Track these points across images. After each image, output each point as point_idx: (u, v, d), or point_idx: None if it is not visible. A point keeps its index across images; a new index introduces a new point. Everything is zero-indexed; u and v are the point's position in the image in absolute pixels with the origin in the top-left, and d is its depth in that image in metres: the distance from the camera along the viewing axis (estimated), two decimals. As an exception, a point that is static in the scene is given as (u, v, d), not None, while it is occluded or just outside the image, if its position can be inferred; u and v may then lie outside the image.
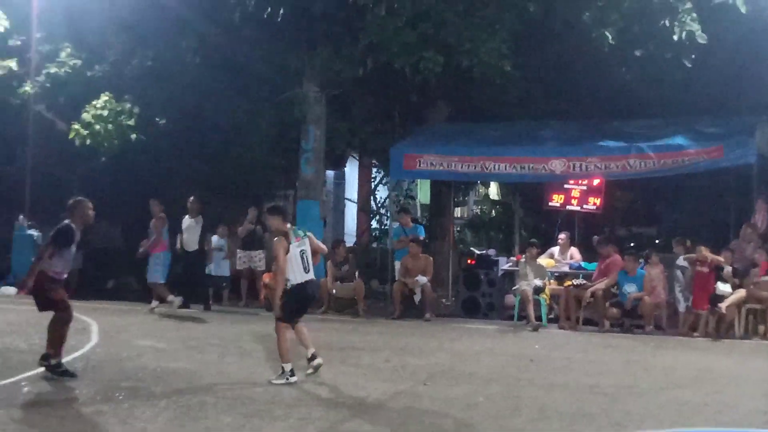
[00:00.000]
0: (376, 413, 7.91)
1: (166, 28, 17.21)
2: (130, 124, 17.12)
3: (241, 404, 8.05)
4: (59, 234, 9.26)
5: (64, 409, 7.77)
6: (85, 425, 7.24)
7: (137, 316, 14.55)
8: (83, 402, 8.02)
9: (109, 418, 7.43)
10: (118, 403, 7.99)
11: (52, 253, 9.11)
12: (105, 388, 8.59)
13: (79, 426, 7.21)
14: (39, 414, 7.53)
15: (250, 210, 16.67)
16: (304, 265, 9.44)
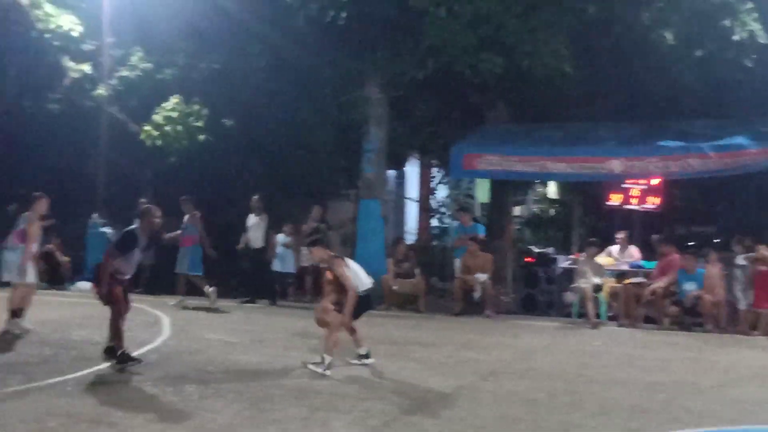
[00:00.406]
0: (438, 407, 8.05)
1: (232, 33, 17.66)
2: (199, 126, 17.54)
3: (306, 397, 8.26)
4: (123, 240, 9.74)
5: (137, 399, 8.04)
6: (157, 415, 7.46)
7: (206, 311, 14.98)
8: (155, 393, 8.27)
9: (180, 408, 7.69)
10: (188, 394, 8.25)
11: (117, 256, 9.56)
12: (176, 379, 8.88)
13: (151, 416, 7.43)
14: (113, 404, 7.77)
15: (315, 208, 16.98)
16: (364, 272, 9.99)
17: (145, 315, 14.01)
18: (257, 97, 17.62)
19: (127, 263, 9.66)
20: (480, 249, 16.03)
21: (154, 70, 18.29)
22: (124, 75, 18.45)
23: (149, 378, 8.95)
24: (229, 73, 17.74)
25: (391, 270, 16.17)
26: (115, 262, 9.53)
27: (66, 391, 8.32)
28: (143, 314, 14.11)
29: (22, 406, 7.67)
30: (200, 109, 17.66)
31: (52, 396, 8.12)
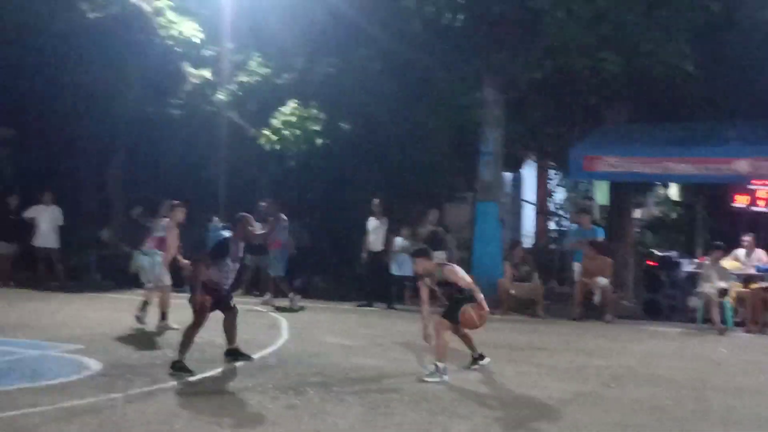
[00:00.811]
0: (559, 414, 7.94)
1: (347, 37, 17.77)
2: (316, 130, 17.69)
3: (426, 402, 8.24)
4: (216, 248, 9.88)
5: (259, 401, 8.11)
6: (277, 418, 7.53)
7: (324, 314, 15.10)
8: (276, 396, 8.34)
9: (300, 412, 7.74)
10: (309, 397, 8.31)
11: (209, 264, 9.62)
12: (296, 382, 8.96)
13: (272, 418, 7.51)
14: (236, 407, 7.91)
15: (432, 212, 16.92)
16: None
17: (265, 318, 14.24)
18: (373, 100, 17.68)
19: (219, 272, 9.70)
20: (599, 252, 15.69)
21: (272, 75, 18.54)
22: (243, 80, 18.76)
23: (271, 381, 9.05)
24: (345, 77, 17.84)
25: (509, 274, 15.97)
26: (207, 271, 9.58)
27: (189, 393, 8.49)
28: (263, 317, 14.36)
29: (147, 407, 7.84)
30: (318, 113, 17.82)
31: (176, 398, 8.29)
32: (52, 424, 7.09)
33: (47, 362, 9.84)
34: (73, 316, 13.82)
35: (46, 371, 9.23)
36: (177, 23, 18.58)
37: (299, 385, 8.83)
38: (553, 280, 18.72)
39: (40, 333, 11.75)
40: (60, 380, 8.76)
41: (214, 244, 10.06)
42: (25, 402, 7.73)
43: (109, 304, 15.24)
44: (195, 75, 19.17)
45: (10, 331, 11.87)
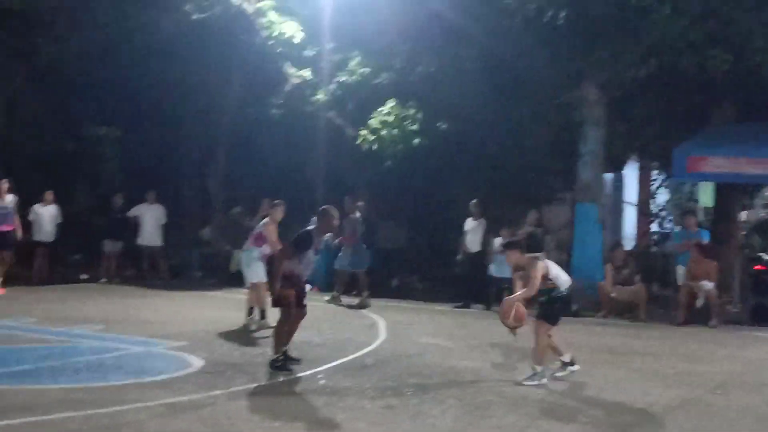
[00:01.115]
0: (664, 421, 7.74)
1: (447, 36, 17.70)
2: (414, 129, 17.67)
3: (526, 405, 8.14)
4: (299, 239, 9.70)
5: (356, 401, 8.12)
6: (375, 418, 7.53)
7: (421, 315, 15.06)
8: (374, 396, 8.34)
9: (399, 412, 7.72)
10: (407, 398, 8.29)
11: (291, 256, 9.55)
12: (394, 383, 8.96)
13: (370, 418, 7.51)
14: (334, 406, 7.91)
15: (531, 213, 16.73)
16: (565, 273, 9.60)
17: (363, 318, 14.28)
18: (472, 100, 17.55)
19: (301, 265, 9.66)
20: (705, 255, 15.25)
21: (371, 75, 18.60)
22: (342, 80, 18.87)
23: (369, 381, 9.05)
24: (444, 76, 17.76)
25: (609, 276, 15.65)
26: (288, 263, 9.53)
27: (289, 391, 8.55)
28: (360, 317, 14.41)
29: (248, 405, 7.94)
30: (416, 113, 17.79)
31: (275, 396, 8.38)
32: (157, 420, 7.22)
33: (151, 358, 10.06)
34: (176, 313, 14.12)
35: (151, 367, 9.44)
36: (278, 23, 18.82)
37: (397, 386, 8.83)
38: (655, 283, 18.27)
39: (144, 329, 12.03)
40: (164, 376, 8.93)
41: (296, 236, 9.82)
42: (131, 397, 7.91)
43: (211, 302, 15.52)
44: (295, 75, 19.36)
45: (115, 327, 12.20)
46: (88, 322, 12.48)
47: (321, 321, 13.44)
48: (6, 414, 7.14)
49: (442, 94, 17.82)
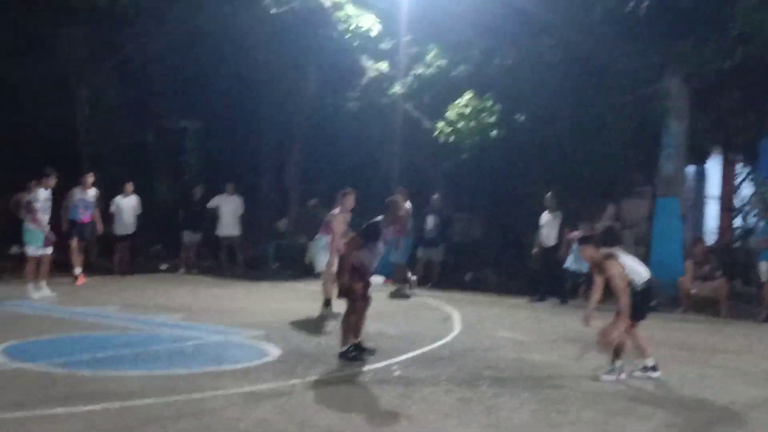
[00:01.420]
0: (745, 419, 7.57)
1: (525, 28, 17.53)
2: (491, 122, 17.51)
3: (603, 400, 8.03)
4: (367, 230, 9.71)
5: (432, 394, 8.09)
6: (450, 410, 7.51)
7: (495, 308, 14.95)
8: (449, 388, 8.31)
9: (474, 405, 7.69)
10: (482, 391, 8.24)
11: (360, 246, 9.55)
12: (469, 376, 8.91)
13: (445, 410, 7.49)
14: (408, 398, 7.88)
15: (609, 207, 16.47)
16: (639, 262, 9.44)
17: (437, 311, 14.25)
18: (550, 92, 17.34)
19: (370, 255, 9.65)
20: (789, 252, 14.83)
21: (448, 67, 18.51)
22: (419, 72, 18.82)
23: (443, 374, 9.02)
24: (522, 68, 17.58)
25: (690, 272, 15.32)
26: (357, 254, 9.52)
27: (364, 382, 8.57)
28: (435, 310, 14.38)
29: (324, 394, 7.99)
30: (493, 105, 17.64)
31: (351, 386, 8.40)
32: (235, 408, 7.31)
33: (230, 347, 10.20)
34: (253, 303, 14.29)
35: (229, 356, 9.56)
36: (355, 16, 18.84)
37: (472, 379, 8.78)
38: (738, 279, 17.82)
39: (222, 319, 12.21)
40: (242, 365, 9.04)
41: (365, 227, 9.82)
42: (209, 385, 8.02)
43: (287, 292, 15.66)
44: (372, 68, 19.37)
45: (194, 316, 12.40)
46: (168, 311, 12.71)
47: (395, 313, 13.47)
48: (89, 400, 7.31)
49: (519, 86, 17.64)
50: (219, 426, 6.80)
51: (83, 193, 15.99)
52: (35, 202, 13.84)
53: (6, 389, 7.53)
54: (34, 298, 13.39)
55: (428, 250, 18.08)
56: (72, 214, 15.88)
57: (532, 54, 17.49)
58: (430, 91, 18.89)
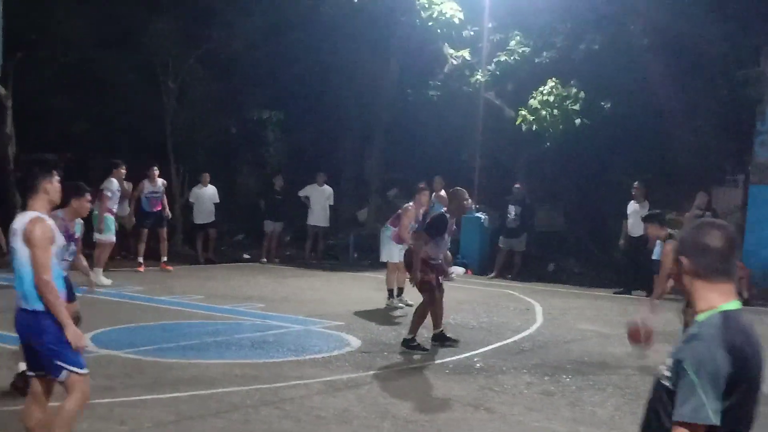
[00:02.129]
0: None
1: (613, 11, 17.16)
2: (576, 109, 17.14)
3: (692, 396, 7.83)
4: (433, 224, 9.74)
5: (514, 386, 8.04)
6: (533, 404, 7.43)
7: (578, 300, 14.69)
8: (531, 381, 8.23)
9: (557, 399, 7.60)
10: (566, 385, 8.14)
11: (428, 241, 9.55)
12: (552, 369, 8.80)
13: (528, 403, 7.41)
14: (490, 390, 7.83)
15: (699, 195, 16.00)
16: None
17: (519, 302, 14.09)
18: (638, 78, 16.91)
19: (437, 248, 9.68)
20: None
21: (531, 54, 18.21)
22: (501, 60, 18.56)
23: (525, 366, 8.91)
24: (609, 53, 17.17)
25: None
26: (426, 247, 9.52)
27: (444, 373, 8.51)
28: (517, 301, 14.22)
29: (403, 385, 7.97)
30: (578, 93, 17.27)
31: (431, 378, 8.35)
32: (316, 397, 7.33)
33: (311, 337, 10.23)
34: (333, 293, 14.33)
35: (310, 345, 9.60)
36: (438, 3, 18.68)
37: (555, 372, 8.66)
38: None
39: (303, 309, 12.27)
40: (323, 355, 9.08)
41: (430, 220, 9.92)
42: (292, 374, 8.06)
43: (367, 283, 15.66)
44: (454, 56, 19.21)
45: (276, 306, 12.48)
46: (250, 301, 12.84)
47: (476, 305, 13.36)
48: (175, 387, 7.42)
49: (606, 72, 17.23)
50: (300, 414, 6.82)
51: (152, 185, 16.27)
52: (107, 192, 14.25)
53: (95, 375, 7.64)
54: (104, 284, 13.51)
55: (510, 240, 17.85)
56: (142, 205, 16.21)
57: (619, 38, 17.07)
58: (513, 78, 18.62)
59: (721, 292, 3.04)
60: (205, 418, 6.66)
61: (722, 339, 2.86)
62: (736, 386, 2.83)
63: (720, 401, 2.79)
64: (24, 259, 5.27)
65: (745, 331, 2.95)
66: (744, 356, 2.88)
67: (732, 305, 3.02)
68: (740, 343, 2.88)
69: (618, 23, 17.12)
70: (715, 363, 2.82)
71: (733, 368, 2.82)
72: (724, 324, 2.93)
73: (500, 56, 18.56)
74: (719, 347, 2.84)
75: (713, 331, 2.91)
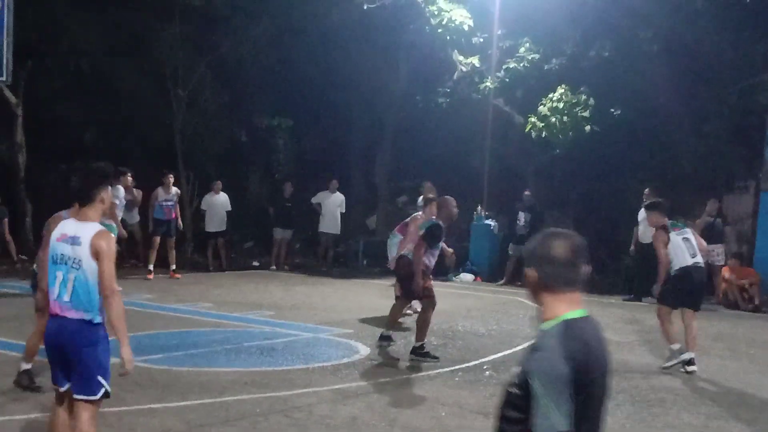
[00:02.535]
0: None
1: (621, 18, 17.12)
2: (585, 116, 17.10)
3: (702, 404, 7.80)
4: (431, 233, 9.68)
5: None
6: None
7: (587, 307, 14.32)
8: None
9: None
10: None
11: (427, 249, 9.59)
12: (563, 376, 8.79)
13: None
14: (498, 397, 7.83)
15: (710, 202, 15.93)
16: (690, 251, 9.54)
17: (528, 309, 14.00)
18: (648, 84, 16.87)
19: (432, 255, 9.73)
20: None
21: (541, 60, 18.17)
22: (511, 66, 18.52)
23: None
24: (618, 60, 17.15)
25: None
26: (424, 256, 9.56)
27: (454, 381, 8.48)
28: (526, 308, 14.14)
29: (412, 393, 7.94)
30: (587, 99, 17.23)
31: (441, 385, 8.32)
32: (325, 405, 7.31)
33: (319, 345, 10.22)
34: (342, 300, 14.32)
35: (319, 353, 9.59)
36: (448, 11, 18.66)
37: (567, 380, 8.58)
38: None
39: (312, 316, 12.26)
40: (331, 363, 9.06)
41: (428, 231, 9.77)
42: (300, 382, 8.05)
43: (376, 290, 15.64)
44: (464, 63, 19.18)
45: (285, 313, 12.48)
46: (259, 308, 12.84)
47: (486, 312, 13.34)
48: (184, 395, 7.41)
49: (616, 79, 17.21)
50: (309, 423, 6.81)
51: (166, 192, 16.30)
52: (114, 200, 14.25)
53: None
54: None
55: (519, 247, 17.76)
56: (156, 213, 16.24)
57: (629, 45, 17.04)
58: (522, 85, 18.58)
59: (566, 301, 3.11)
60: (214, 426, 6.66)
61: (562, 348, 2.95)
62: (579, 391, 2.93)
63: (567, 407, 2.89)
64: (90, 269, 5.13)
65: (585, 338, 3.04)
66: (585, 362, 2.97)
67: (576, 313, 3.10)
68: (580, 351, 2.98)
69: (627, 30, 17.08)
70: (558, 372, 2.91)
71: (575, 375, 2.92)
72: (564, 333, 3.02)
73: (509, 63, 18.53)
74: (560, 356, 2.93)
75: (553, 341, 2.99)
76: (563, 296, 3.11)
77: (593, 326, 3.13)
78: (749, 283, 15.05)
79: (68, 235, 5.20)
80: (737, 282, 15.05)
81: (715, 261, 15.78)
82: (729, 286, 15.12)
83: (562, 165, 18.69)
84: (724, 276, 15.24)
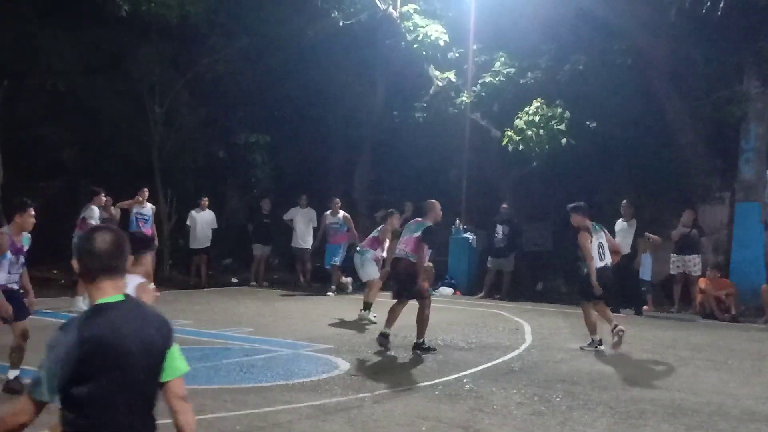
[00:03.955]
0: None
1: (595, 33, 17.27)
2: (561, 129, 17.22)
3: (682, 414, 7.81)
4: (429, 235, 10.71)
5: (504, 407, 7.98)
6: (523, 424, 7.37)
7: (567, 319, 14.64)
8: (521, 401, 8.18)
9: (547, 419, 7.54)
10: (556, 404, 8.09)
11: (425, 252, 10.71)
12: (542, 389, 8.75)
13: (518, 424, 7.34)
14: (480, 411, 7.76)
15: (685, 213, 16.07)
16: (600, 254, 11.04)
17: (508, 322, 14.08)
18: (623, 96, 17.01)
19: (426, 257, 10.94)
20: None
21: (516, 74, 18.28)
22: (487, 81, 18.62)
23: (515, 386, 8.88)
24: (593, 73, 17.29)
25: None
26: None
27: (434, 395, 8.47)
28: (506, 321, 14.21)
29: (393, 408, 7.90)
30: (563, 112, 17.34)
31: (420, 399, 8.30)
32: (305, 421, 7.28)
33: (300, 360, 10.20)
34: (322, 316, 14.28)
35: (299, 369, 9.56)
36: (423, 26, 18.78)
37: (545, 392, 8.62)
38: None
39: (291, 332, 12.22)
40: (312, 378, 9.03)
41: (423, 231, 10.69)
42: (281, 398, 8.02)
43: (355, 305, 15.58)
44: (440, 78, 19.27)
45: (264, 329, 12.44)
46: (239, 325, 12.80)
47: (465, 325, 13.35)
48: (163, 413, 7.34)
49: (590, 92, 17.34)
50: (289, 440, 6.78)
51: (141, 208, 16.21)
52: (90, 219, 14.20)
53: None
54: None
55: (498, 260, 17.88)
56: (131, 226, 16.15)
57: (604, 59, 17.19)
58: (499, 99, 18.68)
59: (102, 288, 3.43)
60: (193, 444, 6.60)
61: (81, 328, 3.29)
62: (96, 374, 3.28)
63: (58, 382, 3.25)
64: None
65: (112, 322, 3.35)
66: (104, 345, 3.29)
67: (110, 299, 3.43)
68: (102, 333, 3.30)
69: (601, 44, 17.23)
70: (66, 349, 3.24)
71: (87, 356, 3.25)
72: (90, 316, 3.37)
73: (485, 77, 18.62)
74: (75, 336, 3.26)
75: (76, 321, 3.34)
76: (100, 285, 3.43)
77: (128, 309, 3.45)
78: (726, 294, 15.14)
79: None
80: (714, 293, 15.13)
81: (692, 271, 15.90)
82: (706, 297, 15.21)
83: (539, 178, 18.80)
84: (701, 287, 15.32)
